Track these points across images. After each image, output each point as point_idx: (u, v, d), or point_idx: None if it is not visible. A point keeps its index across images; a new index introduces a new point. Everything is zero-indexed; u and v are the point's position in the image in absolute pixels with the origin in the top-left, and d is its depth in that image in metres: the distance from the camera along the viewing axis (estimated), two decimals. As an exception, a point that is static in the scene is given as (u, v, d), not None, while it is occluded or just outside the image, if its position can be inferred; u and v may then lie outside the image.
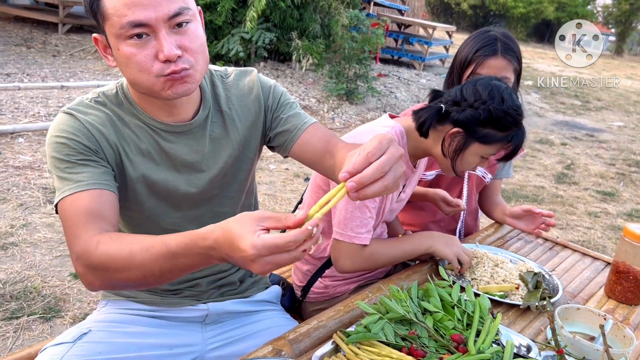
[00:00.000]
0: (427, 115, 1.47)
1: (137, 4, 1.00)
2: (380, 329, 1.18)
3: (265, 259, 0.80)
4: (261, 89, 1.33)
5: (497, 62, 1.75)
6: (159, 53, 1.03)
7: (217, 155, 1.27)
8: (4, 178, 3.84)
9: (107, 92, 1.20)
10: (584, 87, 13.45)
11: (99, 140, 1.13)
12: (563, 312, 1.37)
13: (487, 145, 1.46)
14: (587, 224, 4.64)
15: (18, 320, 2.43)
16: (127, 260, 0.94)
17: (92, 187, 1.06)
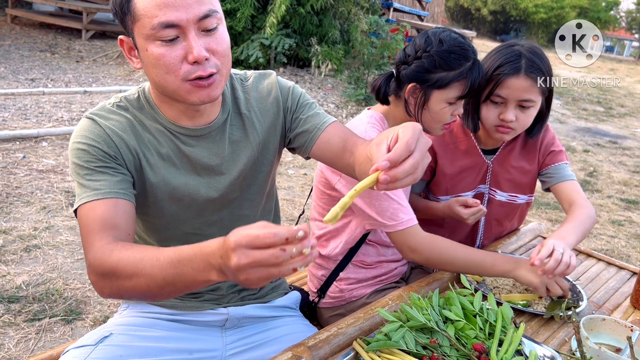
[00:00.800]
0: (380, 82, 1.58)
1: (169, 5, 1.02)
2: (401, 337, 1.17)
3: (243, 251, 0.77)
4: (280, 90, 1.33)
5: (519, 82, 1.57)
6: (188, 54, 1.05)
7: (237, 158, 1.28)
8: (28, 181, 3.91)
9: (129, 97, 1.22)
10: (607, 93, 13.25)
11: (119, 146, 1.14)
12: (588, 322, 1.34)
13: (445, 88, 1.48)
14: (611, 233, 4.55)
15: (40, 322, 2.46)
16: (136, 267, 0.95)
17: (108, 196, 1.09)
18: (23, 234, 3.19)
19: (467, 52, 1.48)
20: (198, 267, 0.88)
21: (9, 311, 2.50)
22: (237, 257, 0.78)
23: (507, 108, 1.62)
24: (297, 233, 0.77)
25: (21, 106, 5.58)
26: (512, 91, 1.59)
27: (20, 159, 4.27)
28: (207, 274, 0.87)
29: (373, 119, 1.59)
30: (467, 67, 1.47)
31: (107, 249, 1.01)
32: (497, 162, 1.82)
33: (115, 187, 1.11)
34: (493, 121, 1.65)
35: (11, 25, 10.27)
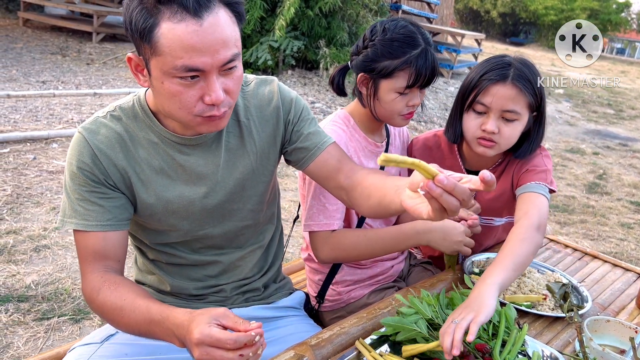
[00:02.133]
0: (334, 73, 1.60)
1: (195, 49, 0.98)
2: (414, 322, 1.18)
3: (205, 349, 0.90)
4: (281, 100, 1.31)
5: (505, 89, 1.49)
6: (205, 95, 1.04)
7: (233, 167, 1.27)
8: (38, 182, 3.95)
9: (124, 106, 1.19)
10: (618, 95, 13.15)
11: (107, 166, 1.15)
12: (592, 324, 1.34)
13: (391, 77, 1.46)
14: (620, 235, 4.52)
15: (49, 321, 2.48)
16: (117, 315, 1.08)
17: (96, 229, 1.14)
18: (33, 234, 3.23)
19: (413, 40, 1.44)
20: (164, 332, 1.01)
21: (18, 310, 2.52)
22: (199, 351, 0.91)
23: (490, 117, 1.52)
24: (254, 338, 0.91)
25: (32, 108, 5.64)
26: (496, 99, 1.50)
27: (31, 160, 4.32)
28: (170, 339, 1.01)
29: (337, 117, 1.61)
30: (413, 55, 1.43)
31: (95, 287, 1.12)
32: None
33: (102, 218, 1.14)
34: (474, 132, 1.56)
35: (23, 28, 10.38)
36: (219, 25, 0.99)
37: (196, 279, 1.35)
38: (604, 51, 36.60)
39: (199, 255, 1.33)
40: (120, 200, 1.18)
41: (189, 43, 0.97)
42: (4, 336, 2.35)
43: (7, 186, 3.80)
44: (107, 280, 1.12)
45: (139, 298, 1.07)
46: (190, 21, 0.97)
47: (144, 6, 0.98)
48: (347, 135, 1.57)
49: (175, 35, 0.97)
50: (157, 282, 1.37)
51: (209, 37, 0.98)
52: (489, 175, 0.79)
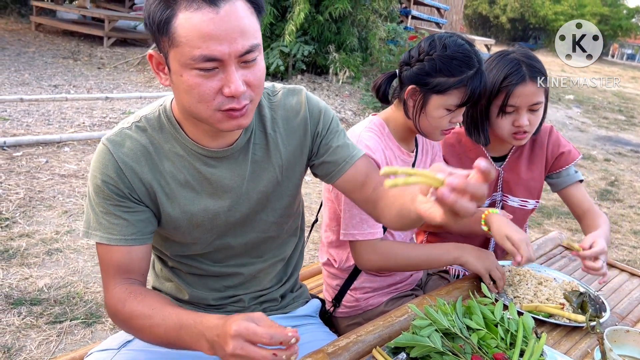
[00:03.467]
0: (381, 81, 1.59)
1: (213, 38, 0.96)
2: (429, 335, 1.17)
3: (240, 342, 0.89)
4: (309, 112, 1.28)
5: (527, 88, 1.62)
6: (224, 87, 1.01)
7: (257, 179, 1.24)
8: (50, 186, 3.98)
9: (149, 116, 1.17)
10: (629, 102, 13.06)
11: (132, 181, 1.12)
12: (611, 334, 1.32)
13: (444, 94, 1.46)
14: (633, 243, 4.48)
15: (61, 324, 2.49)
16: (145, 324, 1.07)
17: (120, 243, 1.12)
18: (45, 237, 3.25)
19: (471, 60, 1.45)
20: (194, 336, 0.99)
21: (31, 313, 2.54)
22: (233, 345, 0.89)
23: (520, 114, 1.65)
24: (290, 339, 0.89)
25: (44, 112, 5.69)
26: (522, 98, 1.62)
27: (43, 163, 4.35)
28: (200, 345, 0.99)
29: (372, 123, 1.60)
30: (469, 75, 1.44)
31: (120, 298, 1.11)
32: (507, 168, 1.84)
33: (127, 232, 1.12)
34: (508, 130, 1.68)
35: (35, 32, 10.49)
36: (236, 13, 0.97)
37: (215, 289, 1.34)
38: (614, 57, 36.40)
39: (220, 267, 1.32)
40: (145, 214, 1.16)
41: (205, 31, 0.95)
42: (17, 339, 2.36)
43: (20, 189, 3.83)
44: (132, 291, 1.12)
45: (167, 306, 1.07)
46: (207, 9, 0.95)
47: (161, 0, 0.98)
48: (383, 142, 1.57)
49: (191, 24, 0.95)
50: (175, 289, 1.36)
51: (226, 25, 0.96)
52: (484, 164, 0.77)
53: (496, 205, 1.88)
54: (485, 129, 1.72)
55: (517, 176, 1.84)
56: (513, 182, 1.84)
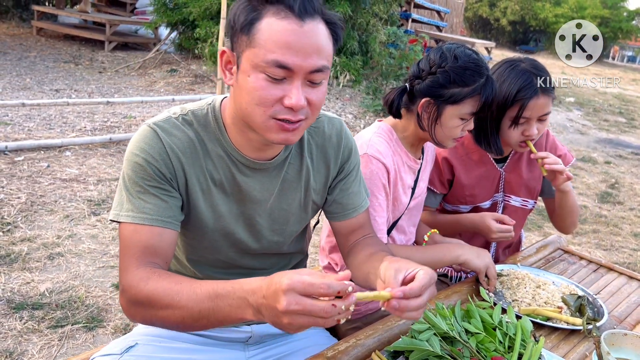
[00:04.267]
0: (393, 96, 1.60)
1: (290, 47, 0.99)
2: (427, 339, 1.18)
3: (295, 297, 0.81)
4: (344, 147, 1.32)
5: (540, 101, 1.66)
6: (285, 98, 1.03)
7: (284, 197, 1.27)
8: (52, 190, 3.99)
9: (197, 112, 1.18)
10: (629, 104, 13.06)
11: (176, 168, 1.12)
12: (609, 337, 1.33)
13: (459, 104, 1.49)
14: (633, 246, 4.48)
15: (63, 328, 2.50)
16: (172, 298, 0.98)
17: (155, 224, 1.09)
18: (47, 241, 3.26)
19: (481, 68, 1.49)
20: (234, 303, 0.91)
21: (32, 318, 2.55)
22: (287, 300, 0.81)
23: (530, 125, 1.69)
24: (347, 287, 0.82)
25: (46, 116, 5.71)
26: (535, 111, 1.67)
27: (45, 168, 4.36)
28: (242, 311, 0.91)
29: (381, 129, 1.63)
30: (481, 84, 1.48)
31: (143, 277, 1.03)
32: (508, 169, 1.88)
33: (164, 214, 1.10)
34: (517, 139, 1.73)
35: (36, 37, 10.53)
36: (317, 32, 1.02)
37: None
38: (615, 59, 36.40)
39: (223, 275, 1.32)
40: (180, 202, 1.16)
41: (285, 40, 0.99)
42: (18, 344, 2.37)
43: (21, 194, 3.84)
44: (156, 271, 1.05)
45: (198, 281, 1.00)
46: (292, 20, 0.99)
47: (250, 3, 1.02)
48: (392, 148, 1.60)
49: (274, 30, 0.99)
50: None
51: (306, 39, 1.00)
52: (399, 293, 0.93)
53: (498, 206, 1.91)
54: (497, 141, 1.76)
55: (519, 176, 1.88)
56: (515, 182, 1.88)
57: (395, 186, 1.60)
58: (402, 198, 1.64)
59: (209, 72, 8.49)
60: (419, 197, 1.74)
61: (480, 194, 1.86)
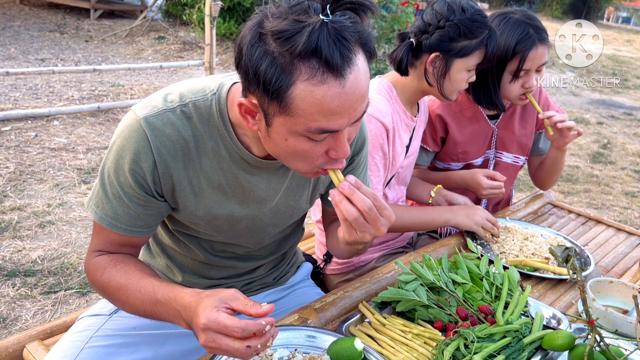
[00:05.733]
0: (401, 53, 1.54)
1: (335, 113, 0.86)
2: (413, 290, 1.19)
3: (211, 335, 0.84)
4: (357, 138, 1.21)
5: (538, 51, 1.66)
6: (331, 151, 0.93)
7: (292, 194, 1.19)
8: (41, 159, 3.95)
9: (199, 103, 1.03)
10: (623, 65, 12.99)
11: (162, 176, 1.03)
12: (595, 285, 1.34)
13: (468, 57, 1.49)
14: (624, 204, 4.51)
15: (56, 294, 2.51)
16: (121, 294, 1.03)
17: (124, 232, 1.06)
18: (37, 210, 3.24)
19: (486, 19, 1.49)
20: (171, 313, 0.95)
21: (25, 284, 2.55)
22: (205, 337, 0.85)
23: (530, 76, 1.69)
24: (264, 328, 0.84)
25: (32, 86, 5.62)
26: (535, 61, 1.67)
27: (32, 137, 4.31)
28: (177, 321, 0.95)
29: (381, 86, 1.59)
30: (487, 35, 1.48)
31: (100, 266, 1.07)
32: (501, 125, 1.87)
33: (135, 224, 1.06)
34: (517, 92, 1.72)
35: (20, 6, 10.27)
36: (359, 80, 0.86)
37: (209, 277, 1.31)
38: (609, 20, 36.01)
39: (218, 259, 1.28)
40: (159, 209, 1.09)
41: (329, 107, 0.85)
42: (12, 310, 2.38)
43: (9, 163, 3.80)
44: (113, 260, 1.07)
45: (145, 277, 1.02)
46: (333, 83, 0.83)
47: (276, 60, 0.83)
48: (391, 106, 1.57)
49: (314, 99, 0.83)
50: (167, 269, 1.33)
51: (351, 98, 0.86)
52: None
53: (489, 163, 1.90)
54: (499, 97, 1.74)
55: (511, 133, 1.87)
56: (507, 138, 1.88)
57: (393, 144, 1.58)
58: (399, 156, 1.63)
59: (197, 39, 8.35)
60: (412, 155, 1.73)
61: (472, 151, 1.84)
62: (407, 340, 1.10)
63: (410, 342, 1.10)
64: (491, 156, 1.90)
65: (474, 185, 1.73)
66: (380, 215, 0.93)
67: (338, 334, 1.08)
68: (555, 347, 1.09)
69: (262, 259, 1.33)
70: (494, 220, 1.59)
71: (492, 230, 1.57)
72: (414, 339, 1.11)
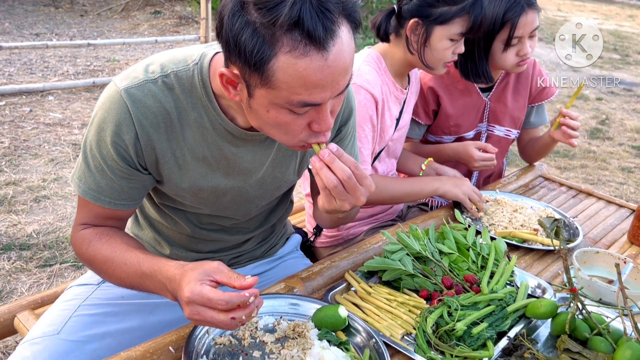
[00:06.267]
0: (380, 18, 1.55)
1: (317, 86, 0.84)
2: (399, 259, 1.20)
3: (195, 307, 0.85)
4: (344, 108, 1.19)
5: (528, 17, 1.63)
6: (314, 123, 0.92)
7: (278, 166, 1.18)
8: (36, 134, 3.94)
9: (181, 73, 1.01)
10: (625, 40, 12.86)
11: (144, 148, 1.02)
12: (582, 255, 1.35)
13: (448, 24, 1.45)
14: (620, 179, 4.51)
15: (51, 267, 2.53)
16: (107, 267, 1.05)
17: (108, 205, 1.06)
18: (32, 185, 3.25)
19: None
20: (157, 285, 0.97)
21: (20, 258, 2.57)
22: (189, 310, 0.86)
23: (523, 44, 1.67)
24: (248, 299, 0.85)
25: (26, 61, 5.57)
26: (526, 28, 1.65)
27: (27, 112, 4.29)
28: (163, 293, 0.97)
29: (370, 57, 1.57)
30: (470, 2, 1.43)
31: (86, 239, 1.08)
32: (493, 98, 1.86)
33: (119, 197, 1.06)
34: (513, 61, 1.70)
35: (14, -21, 10.12)
36: (342, 53, 0.84)
37: (196, 250, 1.31)
38: (612, -5, 35.50)
39: (206, 232, 1.27)
40: (143, 182, 1.08)
41: (311, 81, 0.83)
42: (7, 282, 2.39)
43: (4, 138, 3.79)
44: (99, 233, 1.08)
45: (130, 250, 1.03)
46: (315, 56, 0.81)
47: (257, 32, 0.80)
48: (380, 78, 1.56)
49: (296, 71, 0.82)
50: (155, 242, 1.33)
51: (333, 71, 0.84)
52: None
53: (481, 136, 1.90)
54: (487, 69, 1.73)
55: (504, 105, 1.86)
56: (500, 111, 1.87)
57: (382, 117, 1.57)
58: (389, 129, 1.62)
59: (193, 13, 8.24)
60: (403, 128, 1.72)
61: (464, 124, 1.84)
62: (392, 308, 1.12)
63: (394, 310, 1.11)
64: (483, 129, 1.90)
65: (465, 157, 1.73)
66: (360, 184, 0.92)
67: (324, 302, 1.09)
68: (538, 315, 1.10)
69: (250, 232, 1.33)
70: (480, 194, 1.59)
71: (477, 204, 1.57)
72: (398, 307, 1.12)
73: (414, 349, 1.01)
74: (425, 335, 1.03)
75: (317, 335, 1.00)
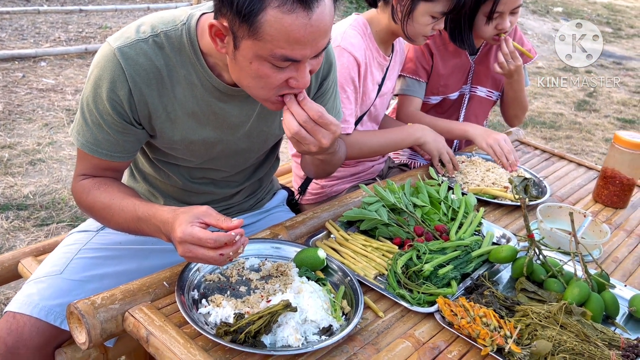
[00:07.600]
0: None
1: (299, 42, 0.92)
2: (375, 210, 1.29)
3: (187, 246, 0.95)
4: (325, 63, 1.26)
5: None
6: (292, 79, 1.00)
7: (264, 120, 1.25)
8: (29, 100, 3.98)
9: (170, 33, 1.08)
10: (618, 14, 12.86)
11: (138, 103, 1.09)
12: (545, 209, 1.46)
13: (432, 2, 1.50)
14: (603, 150, 4.63)
15: (48, 226, 2.62)
16: (105, 213, 1.14)
17: (105, 157, 1.15)
18: (27, 148, 3.31)
19: None
20: (152, 228, 1.06)
21: (18, 217, 2.65)
22: (182, 248, 0.96)
23: (504, 19, 1.74)
24: (234, 238, 0.95)
25: (17, 27, 5.55)
26: (508, 4, 1.71)
27: (20, 78, 4.32)
28: (158, 235, 1.06)
29: (356, 22, 1.64)
30: None
31: (85, 189, 1.17)
32: (478, 61, 1.95)
33: (115, 149, 1.14)
34: (491, 33, 1.78)
35: (2, -57, 9.93)
36: (325, 15, 0.93)
37: (189, 202, 1.38)
38: (610, -32, 35.18)
39: (197, 185, 1.36)
40: (137, 136, 1.16)
41: (295, 36, 0.91)
42: (6, 240, 2.49)
43: (-2, 103, 3.83)
44: (97, 182, 1.17)
45: (127, 197, 1.12)
46: (301, 13, 0.90)
47: None
48: (364, 43, 1.63)
49: (282, 26, 0.90)
50: (149, 194, 1.42)
51: (315, 30, 0.93)
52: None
53: (464, 97, 2.00)
54: (470, 38, 1.81)
55: (486, 68, 1.96)
56: (482, 73, 1.96)
57: (365, 80, 1.65)
58: (370, 93, 1.70)
59: (186, -19, 8.15)
60: (385, 95, 1.80)
61: (451, 85, 1.93)
62: (367, 252, 1.22)
63: (369, 254, 1.21)
64: (466, 91, 1.99)
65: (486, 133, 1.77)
66: (322, 128, 1.02)
67: (305, 246, 1.19)
68: (500, 260, 1.21)
69: (239, 185, 1.43)
70: (452, 156, 1.68)
71: (447, 165, 1.67)
72: (373, 251, 1.23)
73: (385, 287, 1.12)
74: (396, 276, 1.14)
75: (297, 273, 1.10)
